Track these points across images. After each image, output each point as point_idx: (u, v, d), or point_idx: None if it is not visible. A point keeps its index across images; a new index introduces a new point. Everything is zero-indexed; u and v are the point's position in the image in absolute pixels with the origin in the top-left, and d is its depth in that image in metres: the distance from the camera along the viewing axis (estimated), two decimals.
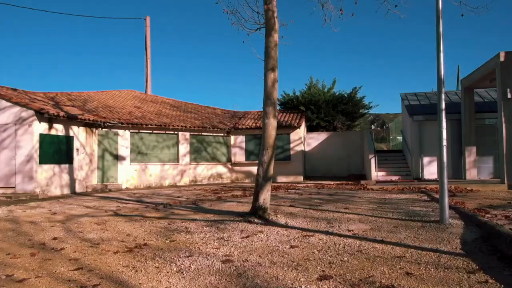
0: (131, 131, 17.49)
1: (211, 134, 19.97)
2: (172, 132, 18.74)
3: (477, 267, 4.33)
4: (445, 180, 6.70)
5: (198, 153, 19.66)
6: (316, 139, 23.39)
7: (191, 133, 19.30)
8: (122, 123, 16.83)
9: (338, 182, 17.41)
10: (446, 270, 4.25)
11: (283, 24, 9.00)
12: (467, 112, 17.33)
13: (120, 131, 17.12)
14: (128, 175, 17.30)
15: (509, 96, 13.38)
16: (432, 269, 4.30)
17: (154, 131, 18.22)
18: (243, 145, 20.54)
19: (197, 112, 22.23)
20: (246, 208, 8.76)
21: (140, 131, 17.82)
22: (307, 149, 23.01)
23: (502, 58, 13.60)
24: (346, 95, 26.81)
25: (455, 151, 18.03)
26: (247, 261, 4.86)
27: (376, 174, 18.34)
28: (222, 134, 20.28)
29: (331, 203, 9.77)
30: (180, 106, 23.10)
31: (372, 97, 77.43)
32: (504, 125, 13.45)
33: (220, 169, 20.24)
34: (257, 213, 7.66)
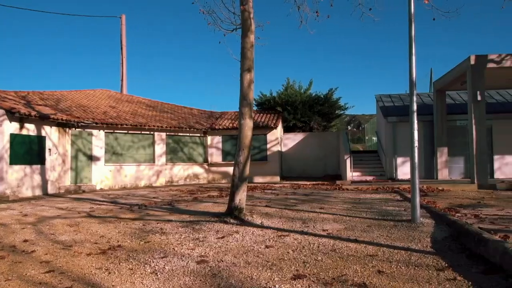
0: (105, 131, 17.23)
1: (188, 134, 19.86)
2: (148, 132, 18.55)
3: (446, 265, 4.45)
4: (417, 180, 6.86)
5: (174, 154, 19.52)
6: (292, 140, 23.55)
7: (168, 133, 19.16)
8: (96, 123, 16.56)
9: (314, 182, 17.57)
10: (416, 268, 4.35)
11: (259, 25, 9.05)
12: (439, 114, 17.77)
13: (94, 131, 16.85)
14: (102, 175, 17.04)
15: (479, 98, 13.79)
16: (403, 267, 4.40)
17: (129, 131, 18.00)
18: (220, 145, 20.52)
19: (174, 112, 22.07)
20: (222, 208, 8.75)
21: (115, 131, 17.57)
22: (283, 149, 23.14)
23: (472, 62, 14.01)
24: (322, 96, 27.08)
25: (428, 151, 18.46)
26: (222, 261, 4.86)
27: (352, 174, 18.60)
28: (198, 135, 20.20)
29: (306, 203, 9.86)
30: (156, 106, 22.90)
31: (348, 98, 78.31)
32: (474, 126, 13.85)
33: (197, 169, 20.15)
34: (233, 214, 7.66)
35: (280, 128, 21.86)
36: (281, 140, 22.23)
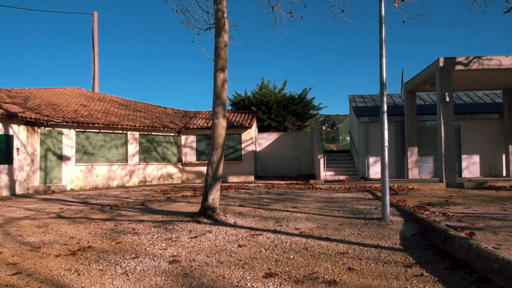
0: (76, 130, 16.88)
1: (162, 133, 19.67)
2: (121, 132, 18.27)
3: (414, 261, 4.57)
4: (387, 179, 7.00)
5: (147, 153, 19.30)
6: (267, 139, 23.64)
7: (141, 132, 18.92)
8: (66, 122, 16.20)
9: (288, 182, 17.69)
10: (385, 265, 4.45)
11: (233, 24, 9.05)
12: (409, 114, 18.17)
13: (65, 130, 16.48)
14: (73, 176, 16.68)
15: (447, 99, 14.17)
16: (372, 264, 4.49)
17: (101, 130, 17.68)
18: (194, 145, 20.41)
19: (147, 111, 21.81)
20: (196, 208, 8.72)
21: (87, 130, 17.23)
22: (258, 149, 23.20)
23: (441, 64, 14.38)
24: (296, 96, 27.28)
25: (399, 151, 18.86)
26: (195, 261, 4.85)
27: (325, 173, 18.82)
28: (172, 134, 20.03)
29: (280, 203, 9.92)
30: (129, 105, 22.57)
31: (322, 99, 79.35)
32: (442, 127, 14.23)
33: (171, 169, 19.98)
34: (206, 213, 7.65)
35: (254, 127, 21.90)
36: (255, 139, 22.28)
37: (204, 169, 18.95)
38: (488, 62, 14.33)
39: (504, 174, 18.41)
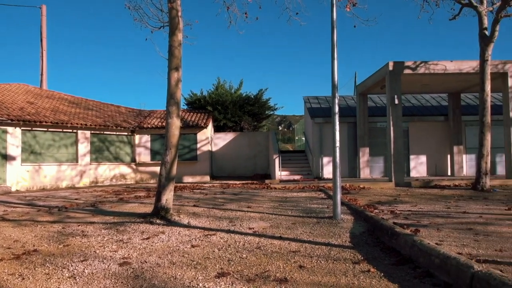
0: (22, 128, 16.13)
1: (114, 133, 19.17)
2: (71, 131, 17.65)
3: (362, 258, 4.73)
4: (338, 179, 7.19)
5: (99, 153, 18.75)
6: (223, 139, 23.62)
7: (92, 131, 18.35)
8: (12, 120, 15.45)
9: (244, 182, 17.75)
10: (335, 262, 4.58)
11: (188, 23, 9.00)
12: (361, 116, 18.73)
13: (10, 129, 15.71)
14: (18, 176, 15.93)
15: (396, 102, 14.73)
16: (322, 261, 4.60)
17: (49, 129, 17.00)
18: (148, 144, 20.05)
19: (99, 110, 21.18)
20: (149, 209, 8.57)
21: (34, 128, 16.51)
22: (214, 149, 23.12)
23: (390, 68, 14.93)
24: (252, 96, 27.44)
25: (352, 151, 19.40)
26: (146, 262, 4.77)
27: (280, 173, 19.04)
28: (126, 133, 19.58)
29: (234, 202, 9.95)
30: (80, 103, 21.83)
31: (279, 99, 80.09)
32: (392, 128, 14.77)
33: (124, 169, 19.52)
34: (159, 214, 7.54)
35: (210, 127, 21.81)
36: (211, 139, 22.19)
37: (158, 169, 18.63)
38: (434, 67, 15.03)
39: (449, 173, 19.37)
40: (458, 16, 13.97)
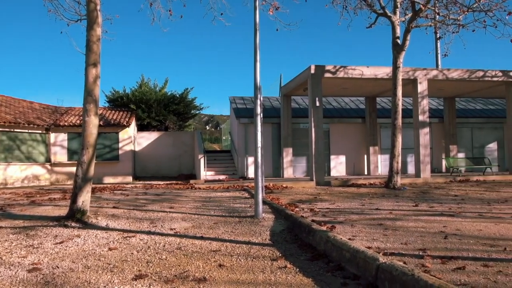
0: None
1: (27, 131, 17.90)
2: None
3: (280, 254, 4.87)
4: (259, 179, 7.35)
5: (9, 152, 17.40)
6: (147, 139, 23.03)
7: (1, 129, 16.98)
8: None
9: (168, 182, 17.45)
10: (254, 260, 4.67)
11: (108, 18, 8.68)
12: (285, 117, 19.24)
13: None
14: None
15: (317, 104, 15.33)
16: (242, 260, 4.67)
17: None
18: (65, 143, 18.97)
19: (9, 106, 19.65)
20: (64, 211, 8.12)
21: None
22: (137, 148, 22.47)
23: (312, 71, 15.51)
24: (178, 95, 27.06)
25: (276, 151, 19.85)
26: (58, 267, 4.53)
27: (205, 173, 18.97)
28: (40, 131, 18.36)
29: (157, 203, 9.76)
30: None
31: (206, 99, 79.72)
32: (313, 129, 15.35)
33: (37, 170, 18.29)
34: (75, 217, 7.19)
35: (133, 126, 21.16)
36: (134, 139, 21.54)
37: None
38: (352, 71, 15.86)
39: (366, 172, 20.55)
40: (374, 24, 14.86)
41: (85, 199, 7.38)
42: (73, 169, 18.19)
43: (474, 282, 3.47)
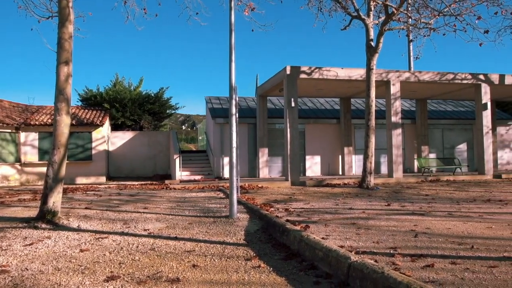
0: None
1: None
2: None
3: (254, 254, 4.89)
4: (234, 179, 7.35)
5: None
6: (121, 138, 22.70)
7: None
8: None
9: (143, 183, 17.25)
10: (228, 260, 4.67)
11: (80, 15, 8.52)
12: (261, 117, 19.30)
13: None
14: None
15: (292, 104, 15.43)
16: (216, 260, 4.67)
17: None
18: (36, 143, 18.51)
19: None
20: (34, 213, 7.93)
21: None
22: (111, 148, 22.12)
23: (288, 72, 15.61)
24: (153, 94, 26.78)
25: (252, 151, 19.88)
26: (27, 269, 4.42)
27: (181, 174, 18.84)
28: (9, 131, 17.85)
29: (130, 204, 9.64)
30: None
31: (181, 99, 79.15)
32: (288, 129, 15.45)
33: (6, 170, 17.78)
34: (45, 218, 7.03)
35: (107, 126, 20.81)
36: (108, 138, 21.19)
37: None
38: (327, 73, 16.04)
39: (340, 173, 20.80)
40: (349, 26, 15.08)
41: (56, 200, 7.22)
42: (44, 169, 17.82)
43: (442, 279, 3.57)
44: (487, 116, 17.86)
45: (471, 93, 18.85)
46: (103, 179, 18.99)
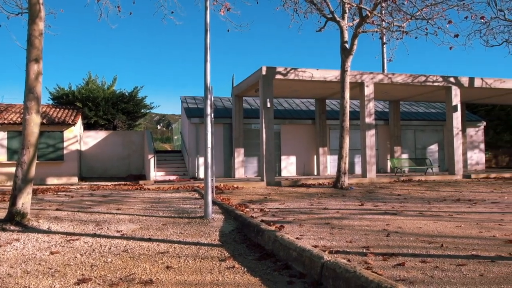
0: None
1: None
2: None
3: (229, 255, 4.88)
4: (209, 179, 7.33)
5: None
6: (94, 138, 22.29)
7: None
8: None
9: (116, 183, 16.98)
10: (202, 260, 4.65)
11: (51, 12, 8.35)
12: (237, 117, 19.28)
13: None
14: None
15: (268, 105, 15.48)
16: (190, 261, 4.64)
17: None
18: (5, 142, 17.99)
19: None
20: (2, 214, 7.69)
21: None
22: (83, 148, 21.68)
23: (263, 72, 15.65)
24: (127, 93, 26.40)
25: (227, 152, 19.84)
26: None
27: (155, 174, 18.64)
28: None
29: (103, 205, 9.48)
30: None
31: (156, 98, 78.34)
32: (264, 130, 15.49)
33: None
34: (14, 220, 6.83)
35: (79, 125, 20.39)
36: (80, 138, 20.77)
37: None
38: (303, 74, 16.16)
39: (315, 173, 20.99)
40: (324, 28, 15.23)
41: (25, 201, 7.03)
42: (13, 169, 17.30)
43: (412, 278, 3.64)
44: (457, 118, 18.36)
45: (442, 95, 19.34)
46: (75, 179, 18.60)
